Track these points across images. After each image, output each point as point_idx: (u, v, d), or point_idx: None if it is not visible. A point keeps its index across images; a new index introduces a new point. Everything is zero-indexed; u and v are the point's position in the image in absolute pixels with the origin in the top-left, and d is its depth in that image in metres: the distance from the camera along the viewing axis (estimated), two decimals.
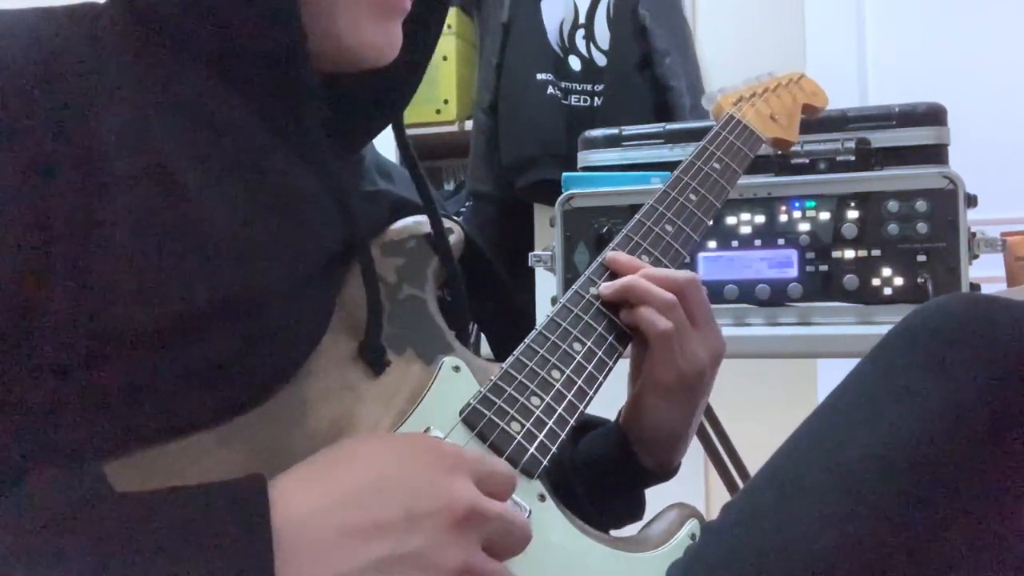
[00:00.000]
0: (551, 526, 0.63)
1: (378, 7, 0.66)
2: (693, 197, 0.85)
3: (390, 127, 0.76)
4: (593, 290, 0.75)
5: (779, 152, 1.04)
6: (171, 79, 0.61)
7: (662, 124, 1.45)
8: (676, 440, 0.79)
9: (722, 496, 1.82)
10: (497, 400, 0.65)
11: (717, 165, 0.89)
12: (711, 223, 0.86)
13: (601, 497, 0.79)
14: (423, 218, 0.76)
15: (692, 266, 1.22)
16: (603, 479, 0.80)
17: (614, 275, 0.77)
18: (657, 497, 0.81)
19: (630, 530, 0.69)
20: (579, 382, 0.69)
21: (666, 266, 0.79)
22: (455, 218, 0.79)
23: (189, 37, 0.63)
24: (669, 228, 0.82)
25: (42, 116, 0.53)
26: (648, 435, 0.79)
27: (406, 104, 0.76)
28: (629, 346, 0.76)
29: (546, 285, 1.83)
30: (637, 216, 0.82)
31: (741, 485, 1.60)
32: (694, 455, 2.00)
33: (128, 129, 0.57)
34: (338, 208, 0.66)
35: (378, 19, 0.66)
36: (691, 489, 2.21)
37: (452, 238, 0.76)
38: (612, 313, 0.75)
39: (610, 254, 0.78)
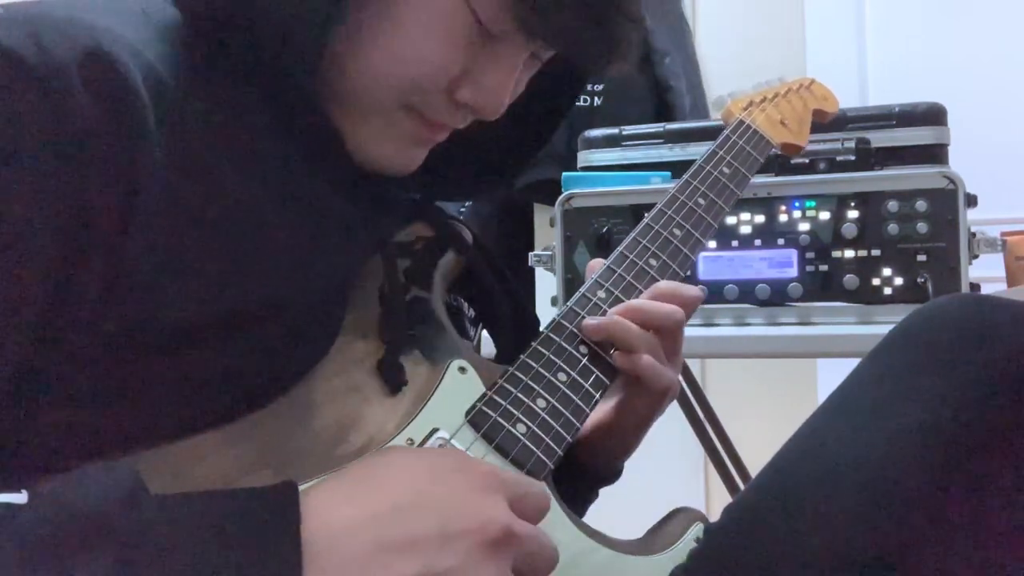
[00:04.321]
0: (556, 529, 0.63)
1: (410, 139, 0.67)
2: (702, 201, 0.85)
3: None
4: (600, 293, 0.75)
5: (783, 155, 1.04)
6: (213, 86, 0.61)
7: (662, 124, 1.45)
8: (628, 452, 0.81)
9: (722, 496, 1.82)
10: (503, 402, 0.65)
11: (727, 169, 0.89)
12: (719, 228, 0.86)
13: None
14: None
15: (692, 266, 1.22)
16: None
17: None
18: (658, 497, 0.81)
19: (627, 534, 0.69)
20: (585, 385, 0.69)
21: (675, 271, 0.80)
22: (463, 221, 0.80)
23: (232, 52, 0.63)
24: (677, 232, 0.82)
25: (86, 108, 0.53)
26: (606, 449, 0.79)
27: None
28: None
29: (546, 285, 1.83)
30: (646, 220, 0.82)
31: (741, 485, 1.60)
32: (694, 455, 2.01)
33: (169, 128, 0.57)
34: (366, 222, 0.67)
35: (405, 146, 0.68)
36: (691, 489, 2.21)
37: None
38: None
39: (584, 323, 0.73)
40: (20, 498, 0.46)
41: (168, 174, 0.56)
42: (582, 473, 0.80)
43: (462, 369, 0.67)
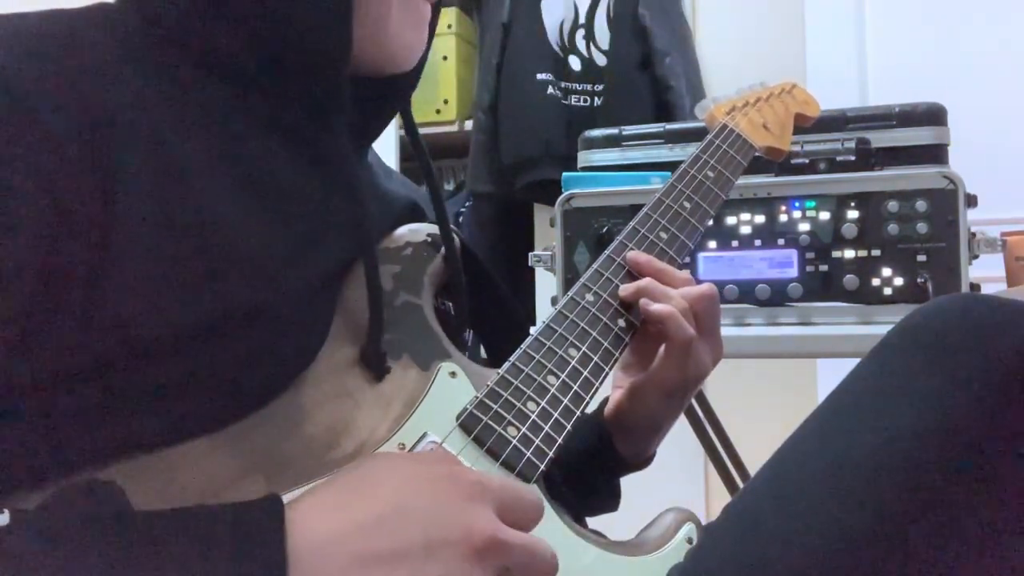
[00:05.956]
0: (548, 530, 0.62)
1: (417, 17, 0.70)
2: (687, 204, 0.86)
3: (402, 134, 0.77)
4: (589, 296, 0.76)
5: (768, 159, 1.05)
6: (186, 85, 0.62)
7: (662, 124, 1.45)
8: (659, 432, 0.82)
9: (722, 496, 1.82)
10: (494, 405, 0.65)
11: (711, 173, 0.90)
12: (704, 230, 0.87)
13: (579, 487, 0.80)
14: (419, 226, 0.77)
15: (693, 266, 1.22)
16: (581, 469, 0.81)
17: (628, 277, 0.79)
18: (657, 498, 0.81)
19: (627, 534, 0.69)
20: (575, 387, 0.70)
21: None
22: (452, 227, 0.80)
23: (209, 47, 0.63)
24: (664, 235, 0.83)
25: (59, 120, 0.54)
26: (636, 426, 0.81)
27: (407, 101, 0.78)
28: (627, 345, 0.76)
29: (546, 285, 1.83)
30: (632, 223, 0.83)
31: (741, 485, 1.60)
32: (694, 455, 2.01)
33: (143, 135, 0.57)
34: (351, 216, 0.66)
35: (416, 26, 0.70)
36: (691, 489, 2.21)
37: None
38: (626, 311, 0.76)
39: (630, 254, 0.80)
40: (1, 519, 0.45)
41: (145, 181, 0.56)
42: (613, 458, 0.82)
43: (452, 373, 0.67)
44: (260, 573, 0.46)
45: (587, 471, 0.82)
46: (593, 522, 0.80)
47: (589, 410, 0.84)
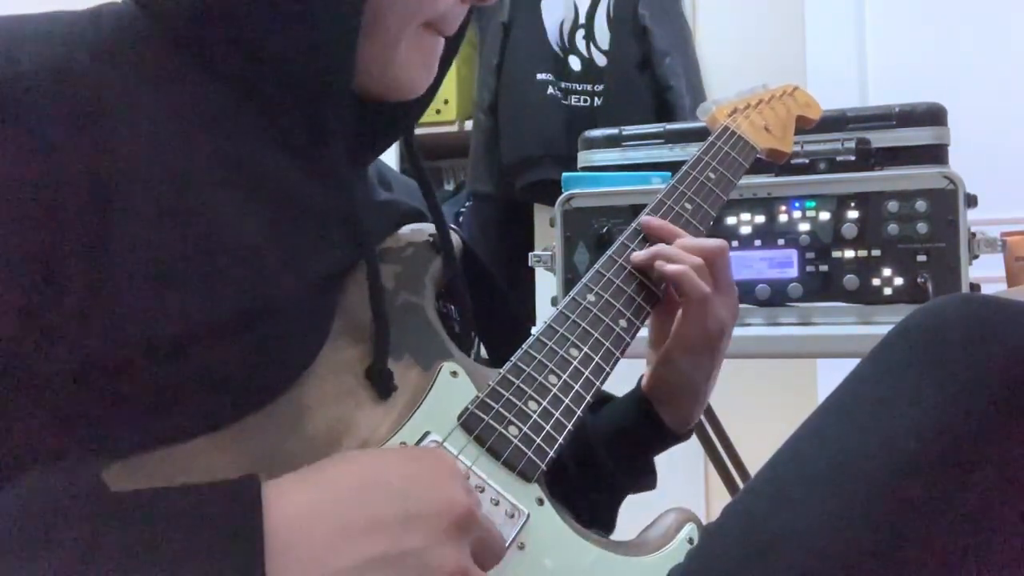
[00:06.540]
0: (549, 529, 0.63)
1: (427, 52, 0.69)
2: (688, 206, 0.87)
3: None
4: (590, 296, 0.76)
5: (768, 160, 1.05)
6: (189, 91, 0.62)
7: (662, 124, 1.45)
8: (696, 396, 0.83)
9: (722, 496, 1.82)
10: (495, 405, 0.65)
11: (712, 175, 0.91)
12: (706, 232, 0.87)
13: (622, 461, 0.83)
14: (421, 226, 0.77)
15: None
16: (625, 442, 0.83)
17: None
18: (657, 498, 0.81)
19: (628, 534, 0.69)
20: (576, 387, 0.70)
21: None
22: (453, 227, 0.80)
23: (213, 54, 0.63)
24: None
25: (55, 121, 0.54)
26: (674, 392, 0.83)
27: (415, 122, 0.78)
28: (628, 345, 0.77)
29: (546, 285, 1.83)
30: (633, 225, 0.83)
31: (741, 485, 1.60)
32: (694, 455, 2.01)
33: (144, 138, 0.57)
34: (350, 225, 0.67)
35: (424, 61, 0.70)
36: (691, 489, 2.21)
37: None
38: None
39: (644, 218, 0.82)
40: None
41: (145, 182, 0.56)
42: (659, 430, 0.83)
43: (454, 373, 0.67)
44: (236, 546, 0.46)
45: (632, 447, 0.84)
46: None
47: (592, 413, 0.85)
